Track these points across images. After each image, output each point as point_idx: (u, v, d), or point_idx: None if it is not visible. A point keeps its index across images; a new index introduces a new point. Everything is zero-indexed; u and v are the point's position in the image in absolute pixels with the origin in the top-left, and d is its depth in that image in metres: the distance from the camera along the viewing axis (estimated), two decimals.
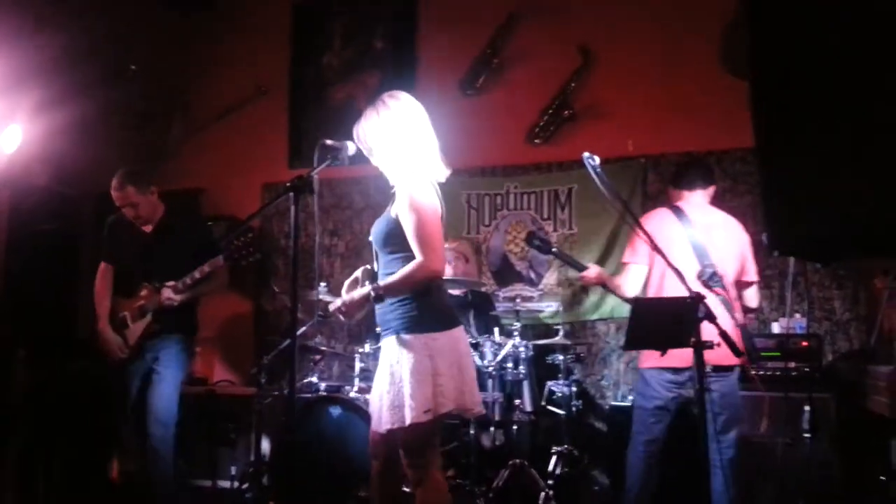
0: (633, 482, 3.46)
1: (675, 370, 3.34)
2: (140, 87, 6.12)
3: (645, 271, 3.52)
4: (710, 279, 3.34)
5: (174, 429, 3.99)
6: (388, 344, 2.71)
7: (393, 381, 2.63)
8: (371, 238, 2.86)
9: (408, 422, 2.55)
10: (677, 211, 3.55)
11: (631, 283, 3.55)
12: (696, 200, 3.61)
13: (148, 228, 4.09)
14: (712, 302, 3.15)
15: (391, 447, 2.70)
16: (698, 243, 3.43)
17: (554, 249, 3.82)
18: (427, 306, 2.69)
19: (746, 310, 3.67)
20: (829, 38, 1.53)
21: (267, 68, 6.11)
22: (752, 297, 3.66)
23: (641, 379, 3.54)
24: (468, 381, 2.71)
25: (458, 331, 2.76)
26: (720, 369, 3.33)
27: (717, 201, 3.77)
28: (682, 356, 2.92)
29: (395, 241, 2.71)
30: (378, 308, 2.74)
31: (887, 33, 1.45)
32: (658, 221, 3.51)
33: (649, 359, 3.43)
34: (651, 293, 3.51)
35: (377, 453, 2.78)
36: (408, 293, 2.67)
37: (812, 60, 1.56)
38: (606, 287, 3.73)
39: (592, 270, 3.68)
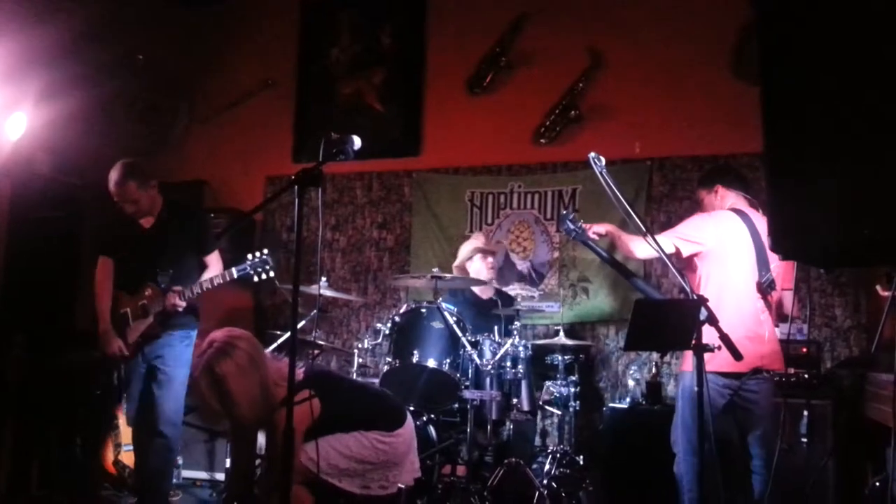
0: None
1: (727, 375, 3.23)
2: (145, 77, 6.12)
3: (653, 255, 3.28)
4: (769, 286, 3.29)
5: (182, 425, 4.02)
6: None
7: None
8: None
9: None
10: (742, 215, 3.42)
11: (641, 249, 3.37)
12: (743, 204, 3.48)
13: (147, 222, 4.02)
14: (760, 307, 3.26)
15: None
16: (761, 251, 3.33)
17: (588, 242, 3.48)
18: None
19: (781, 317, 3.59)
20: (842, 46, 1.53)
21: (273, 62, 6.11)
22: (790, 303, 3.53)
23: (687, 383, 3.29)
24: None
25: None
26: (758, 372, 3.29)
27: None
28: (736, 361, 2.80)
29: None
30: None
31: None
32: (728, 220, 3.39)
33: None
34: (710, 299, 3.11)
35: None
36: None
37: (824, 67, 1.56)
38: (614, 240, 3.56)
39: (607, 227, 3.51)
